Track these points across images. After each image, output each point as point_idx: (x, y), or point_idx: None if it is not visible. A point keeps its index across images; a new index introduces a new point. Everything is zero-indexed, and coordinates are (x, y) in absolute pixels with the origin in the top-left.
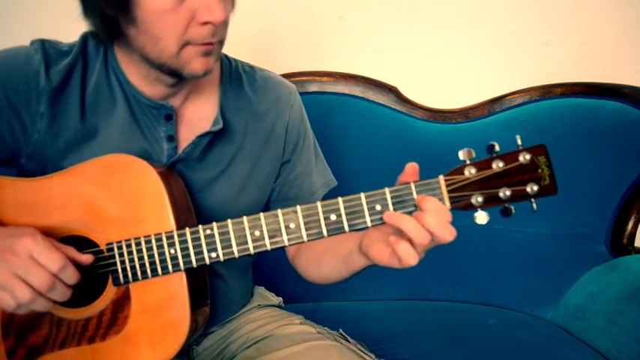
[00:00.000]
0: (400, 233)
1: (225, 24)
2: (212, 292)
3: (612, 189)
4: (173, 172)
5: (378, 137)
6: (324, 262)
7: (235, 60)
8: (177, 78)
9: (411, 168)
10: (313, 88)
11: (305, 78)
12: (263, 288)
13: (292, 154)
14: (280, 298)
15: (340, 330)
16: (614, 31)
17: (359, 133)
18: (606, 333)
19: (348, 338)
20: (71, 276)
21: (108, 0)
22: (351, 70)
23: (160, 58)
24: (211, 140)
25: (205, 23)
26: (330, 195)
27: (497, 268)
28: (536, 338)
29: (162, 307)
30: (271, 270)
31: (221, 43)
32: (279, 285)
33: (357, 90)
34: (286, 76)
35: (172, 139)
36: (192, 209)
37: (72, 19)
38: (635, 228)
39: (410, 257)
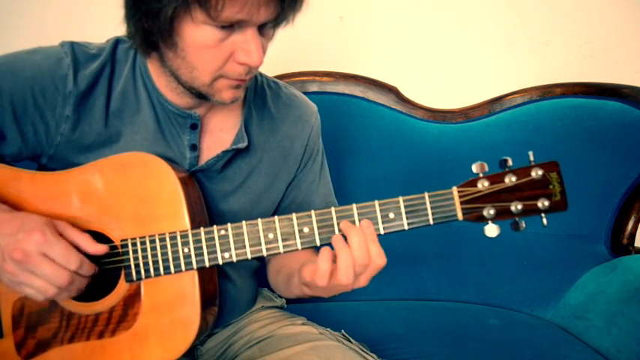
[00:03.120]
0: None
1: (260, 65)
2: (221, 293)
3: (612, 189)
4: (192, 178)
5: (378, 137)
6: (280, 275)
7: (262, 75)
8: (204, 100)
9: None
10: (313, 88)
11: (305, 78)
12: (266, 289)
13: (301, 172)
14: (283, 299)
15: (342, 331)
16: (614, 31)
17: (359, 133)
18: (606, 333)
19: (350, 339)
20: (88, 270)
21: (153, 24)
22: (351, 70)
23: (191, 83)
24: (233, 155)
25: (242, 64)
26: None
27: (497, 268)
28: (536, 338)
29: (172, 305)
30: None
31: (253, 76)
32: None
33: (357, 90)
34: (286, 76)
35: (195, 147)
36: (206, 213)
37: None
38: (635, 228)
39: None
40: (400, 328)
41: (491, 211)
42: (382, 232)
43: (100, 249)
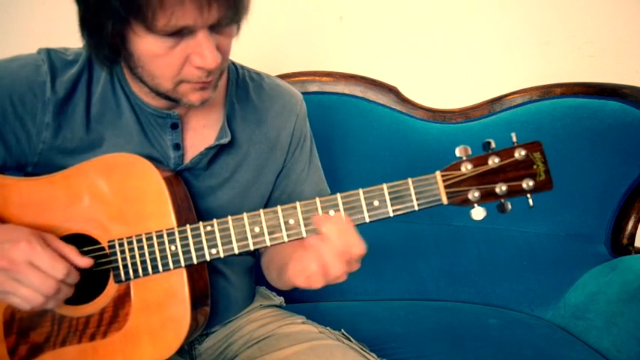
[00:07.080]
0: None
1: (220, 65)
2: (215, 291)
3: (612, 189)
4: (178, 177)
5: (378, 137)
6: (270, 270)
7: (242, 67)
8: (176, 103)
9: None
10: (313, 88)
11: (305, 78)
12: (264, 287)
13: (289, 162)
14: (282, 297)
15: (342, 330)
16: (614, 31)
17: (359, 133)
18: (606, 333)
19: (350, 338)
20: (74, 278)
21: (99, 39)
22: (351, 70)
23: (156, 89)
24: (218, 150)
25: (198, 67)
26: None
27: (497, 268)
28: (536, 338)
29: (162, 303)
30: None
31: (220, 75)
32: None
33: (357, 90)
34: (286, 76)
35: (179, 147)
36: (194, 210)
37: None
38: (635, 228)
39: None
40: (400, 328)
41: (476, 194)
42: (367, 220)
43: (85, 262)
